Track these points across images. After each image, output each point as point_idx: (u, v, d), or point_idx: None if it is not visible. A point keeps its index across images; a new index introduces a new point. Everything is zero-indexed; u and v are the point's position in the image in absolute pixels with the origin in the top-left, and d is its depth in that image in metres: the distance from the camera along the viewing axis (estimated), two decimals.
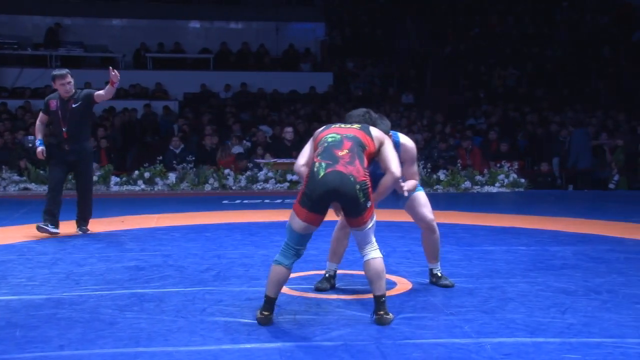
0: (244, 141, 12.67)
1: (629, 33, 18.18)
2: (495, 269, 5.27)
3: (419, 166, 11.26)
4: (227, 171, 11.54)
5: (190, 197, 10.67)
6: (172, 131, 13.93)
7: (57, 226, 6.62)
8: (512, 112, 15.40)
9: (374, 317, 3.85)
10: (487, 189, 11.56)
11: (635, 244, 6.42)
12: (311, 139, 4.12)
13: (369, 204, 3.82)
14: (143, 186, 11.26)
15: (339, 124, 4.13)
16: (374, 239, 3.92)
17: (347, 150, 3.84)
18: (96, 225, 7.29)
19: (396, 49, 18.92)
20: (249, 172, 11.57)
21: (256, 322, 3.85)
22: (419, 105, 16.43)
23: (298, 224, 3.83)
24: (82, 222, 6.88)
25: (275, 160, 11.82)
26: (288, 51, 18.24)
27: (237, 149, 12.43)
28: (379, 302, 3.83)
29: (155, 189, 11.29)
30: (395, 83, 17.74)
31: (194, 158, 11.73)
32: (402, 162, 4.40)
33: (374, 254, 3.87)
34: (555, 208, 9.31)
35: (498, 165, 11.96)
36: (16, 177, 11.12)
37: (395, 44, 19.10)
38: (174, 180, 11.37)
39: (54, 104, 6.67)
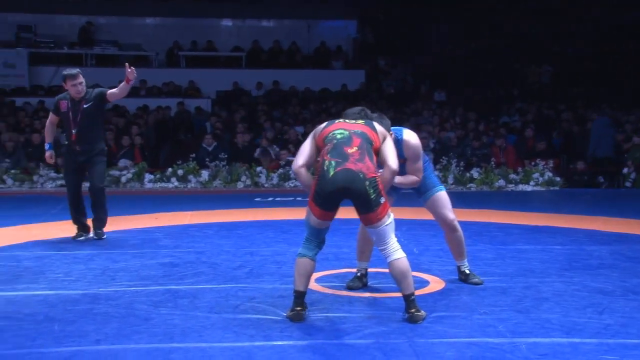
0: (274, 146, 12.64)
1: None
2: (530, 268, 5.21)
3: (451, 164, 11.42)
4: (259, 169, 11.59)
5: (222, 195, 10.73)
6: (204, 129, 14.03)
7: (88, 230, 6.50)
8: (546, 110, 15.20)
9: (406, 315, 3.84)
10: (521, 187, 11.44)
11: None
12: (311, 136, 4.09)
13: (381, 200, 3.81)
14: (176, 183, 11.37)
15: (341, 119, 4.10)
16: (394, 238, 3.88)
17: (356, 148, 3.84)
18: (130, 222, 7.39)
19: (428, 47, 18.79)
20: (281, 170, 11.60)
21: (288, 319, 3.86)
22: (452, 102, 16.30)
23: (313, 219, 3.91)
24: (97, 223, 6.46)
25: None
26: (320, 49, 18.23)
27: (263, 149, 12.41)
28: (409, 301, 3.83)
29: (189, 186, 11.38)
30: (428, 80, 17.63)
31: (226, 156, 11.80)
32: (406, 159, 4.36)
33: (396, 254, 3.85)
34: (591, 207, 9.17)
35: (533, 163, 11.81)
36: (53, 174, 11.29)
37: (427, 41, 18.98)
38: (207, 177, 11.45)
39: (64, 104, 6.34)
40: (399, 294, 3.96)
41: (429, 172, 4.63)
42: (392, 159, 3.94)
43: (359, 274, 4.70)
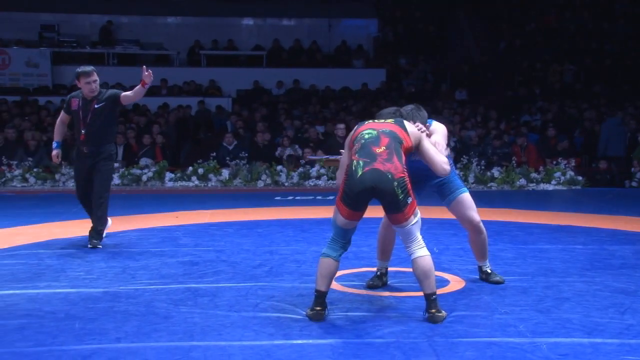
0: (297, 146, 12.64)
1: None
2: (551, 268, 5.17)
3: (472, 163, 11.35)
4: (279, 167, 11.61)
5: (243, 193, 10.76)
6: (225, 128, 14.08)
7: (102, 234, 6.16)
8: (569, 108, 15.06)
9: (426, 315, 3.82)
10: (542, 186, 11.34)
11: None
12: (345, 145, 4.09)
13: (409, 200, 3.80)
14: (197, 182, 11.41)
15: (372, 120, 4.12)
16: (419, 237, 3.88)
17: (384, 147, 3.85)
18: (151, 221, 7.43)
19: (450, 45, 18.71)
20: (301, 169, 11.61)
21: (308, 318, 3.86)
22: (473, 101, 16.21)
23: (340, 219, 3.89)
24: (94, 234, 6.03)
25: (328, 157, 11.80)
26: (340, 48, 18.22)
27: (288, 151, 12.39)
28: (430, 300, 3.81)
29: (209, 184, 11.42)
30: (449, 79, 17.55)
31: (246, 154, 11.84)
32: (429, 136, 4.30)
33: (420, 252, 3.84)
34: (614, 206, 9.07)
35: (554, 162, 11.71)
36: None
37: (448, 39, 18.89)
38: (227, 176, 11.48)
39: (75, 103, 6.06)
40: (419, 293, 3.94)
41: (452, 174, 4.59)
42: (438, 165, 4.02)
43: (379, 273, 4.69)
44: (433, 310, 3.79)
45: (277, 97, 16.20)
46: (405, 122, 4.04)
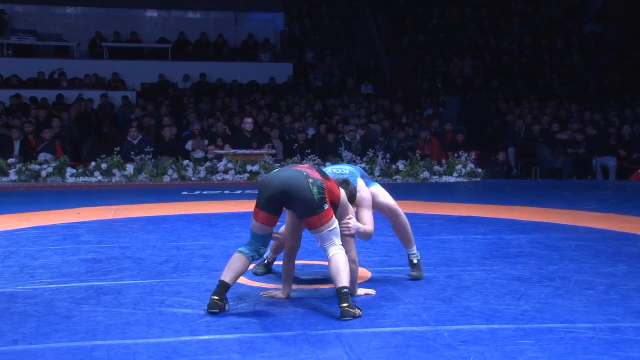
0: (205, 141, 12.42)
1: (581, 26, 18.62)
2: (453, 258, 5.34)
3: (377, 156, 11.57)
4: (186, 162, 11.45)
5: (148, 188, 10.55)
6: (130, 121, 13.74)
7: None
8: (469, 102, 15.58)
9: (339, 310, 3.81)
10: (445, 178, 11.69)
11: (586, 231, 6.58)
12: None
13: (325, 206, 3.86)
14: (100, 177, 11.11)
15: None
16: (337, 242, 3.93)
17: (307, 165, 4.06)
18: (52, 217, 7.16)
19: (355, 40, 18.96)
20: (208, 163, 11.49)
21: (207, 308, 3.83)
22: (378, 95, 16.50)
23: (254, 223, 3.94)
24: None
25: (235, 151, 11.76)
26: (247, 41, 18.13)
27: (198, 154, 12.12)
28: (340, 294, 3.79)
29: (113, 180, 11.14)
30: (355, 73, 17.79)
31: (152, 149, 11.60)
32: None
33: (336, 250, 3.90)
34: (511, 197, 9.47)
35: (456, 155, 12.10)
36: None
37: (354, 34, 19.14)
38: (132, 171, 11.23)
39: None
40: (325, 286, 3.99)
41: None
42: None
43: (265, 262, 4.82)
44: (344, 305, 3.74)
45: (183, 91, 15.95)
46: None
